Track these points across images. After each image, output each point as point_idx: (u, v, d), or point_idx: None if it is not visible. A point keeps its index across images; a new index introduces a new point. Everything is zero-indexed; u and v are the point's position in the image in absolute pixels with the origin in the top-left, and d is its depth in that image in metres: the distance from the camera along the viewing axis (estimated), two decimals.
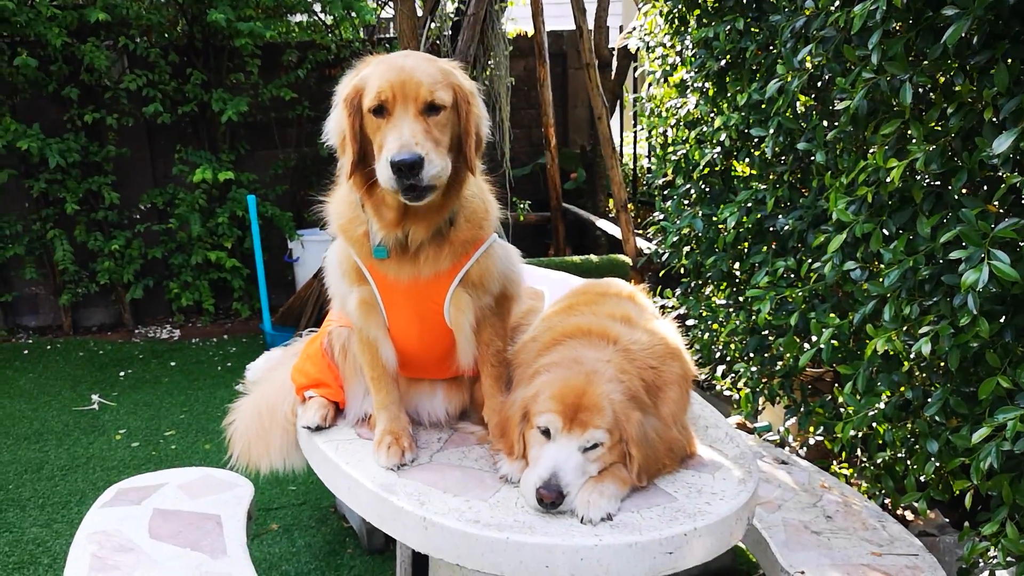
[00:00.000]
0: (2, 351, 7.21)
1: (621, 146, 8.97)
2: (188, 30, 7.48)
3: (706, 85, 4.22)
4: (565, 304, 2.59)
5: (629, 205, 6.85)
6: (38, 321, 7.96)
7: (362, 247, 2.26)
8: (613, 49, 8.47)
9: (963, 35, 2.37)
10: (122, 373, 6.56)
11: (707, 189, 4.29)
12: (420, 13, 6.57)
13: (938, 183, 2.75)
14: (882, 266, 2.81)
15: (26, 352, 7.18)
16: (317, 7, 7.82)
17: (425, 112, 2.06)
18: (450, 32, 6.82)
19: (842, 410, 3.61)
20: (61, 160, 6.97)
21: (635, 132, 9.03)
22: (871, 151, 2.98)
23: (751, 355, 3.96)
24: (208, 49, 7.55)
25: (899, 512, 3.72)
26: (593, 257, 6.87)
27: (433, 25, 6.65)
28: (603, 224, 7.75)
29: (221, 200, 7.73)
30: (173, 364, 6.79)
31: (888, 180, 2.70)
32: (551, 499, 2.04)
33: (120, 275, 7.55)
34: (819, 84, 3.40)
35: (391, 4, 8.33)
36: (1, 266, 7.53)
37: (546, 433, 2.14)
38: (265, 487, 4.46)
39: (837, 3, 3.00)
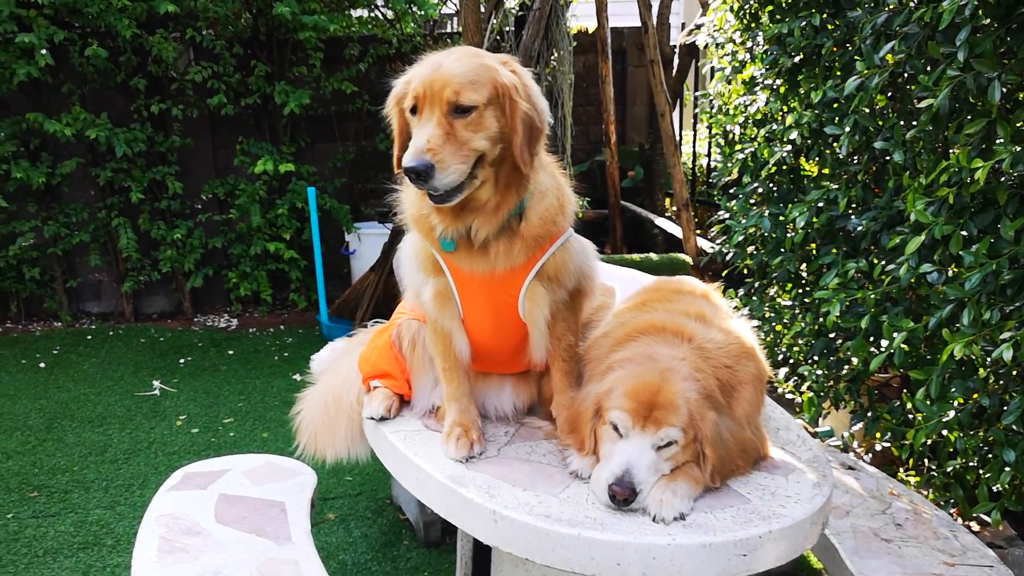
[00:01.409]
0: (67, 336, 7.37)
1: (679, 144, 8.90)
2: (253, 23, 7.57)
3: (777, 82, 4.16)
4: (638, 301, 2.55)
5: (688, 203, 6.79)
6: (100, 307, 8.13)
7: (434, 239, 2.25)
8: (675, 46, 8.41)
9: None
10: (182, 360, 6.66)
11: (775, 188, 4.22)
12: (483, 8, 6.56)
13: None
14: (960, 269, 2.74)
15: (89, 337, 7.33)
16: (379, 1, 7.86)
17: (453, 113, 2.01)
18: (513, 27, 6.81)
19: (911, 416, 3.53)
20: (128, 149, 7.11)
21: (695, 130, 8.94)
22: (953, 151, 2.91)
23: (816, 358, 3.89)
24: (272, 42, 7.63)
25: (964, 523, 3.64)
26: (653, 255, 6.82)
27: (495, 21, 6.64)
28: (661, 222, 7.69)
29: (281, 192, 7.83)
30: (231, 353, 6.88)
31: (971, 181, 2.63)
32: (624, 496, 2.01)
33: (181, 264, 7.68)
34: (898, 82, 3.32)
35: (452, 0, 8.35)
36: (67, 253, 7.69)
37: (618, 430, 2.12)
38: (322, 476, 4.49)
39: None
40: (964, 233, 2.76)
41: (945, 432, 3.12)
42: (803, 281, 4.20)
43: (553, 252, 2.28)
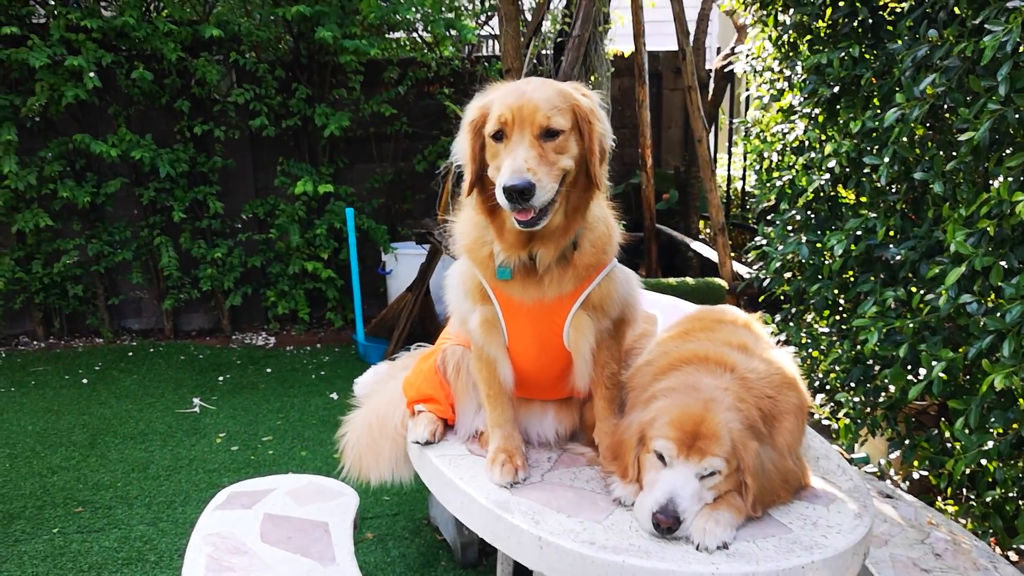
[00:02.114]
0: (109, 352, 7.51)
1: (715, 167, 8.93)
2: (294, 46, 7.71)
3: (815, 111, 4.19)
4: (681, 330, 2.59)
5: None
6: (141, 324, 8.27)
7: (487, 268, 2.31)
8: (710, 71, 8.45)
9: None
10: (221, 378, 6.76)
11: (812, 216, 4.24)
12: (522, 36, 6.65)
13: None
14: (1000, 300, 2.75)
15: (131, 354, 7.46)
16: (419, 25, 7.98)
17: (542, 137, 2.08)
18: (551, 52, 6.88)
19: (949, 445, 3.53)
20: (171, 169, 7.25)
21: (729, 153, 8.97)
22: (993, 183, 2.92)
23: (854, 385, 3.89)
24: (313, 65, 7.77)
25: (1002, 553, 3.62)
26: (689, 279, 6.84)
27: (534, 46, 6.72)
28: (696, 246, 7.71)
29: (319, 212, 7.94)
30: (269, 371, 6.97)
31: (1011, 213, 2.65)
32: (668, 524, 2.04)
33: (221, 282, 7.80)
34: (938, 113, 3.34)
35: (489, 24, 8.45)
36: (109, 270, 7.85)
37: (662, 458, 2.15)
38: (360, 496, 4.54)
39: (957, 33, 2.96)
40: (1004, 265, 2.77)
41: (984, 462, 3.12)
42: (840, 308, 4.21)
43: (599, 282, 2.33)
